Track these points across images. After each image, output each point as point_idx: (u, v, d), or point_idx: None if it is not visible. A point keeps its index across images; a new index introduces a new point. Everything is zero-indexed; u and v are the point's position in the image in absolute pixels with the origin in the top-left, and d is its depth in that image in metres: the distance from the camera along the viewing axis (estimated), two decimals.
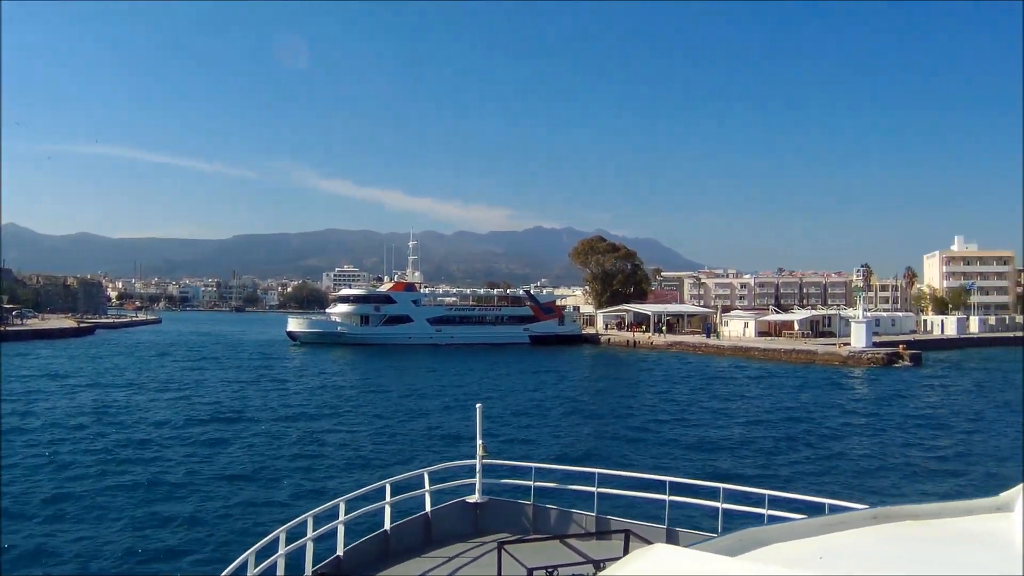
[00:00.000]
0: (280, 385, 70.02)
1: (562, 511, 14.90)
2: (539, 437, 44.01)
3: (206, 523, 26.38)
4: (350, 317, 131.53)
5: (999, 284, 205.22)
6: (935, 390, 71.32)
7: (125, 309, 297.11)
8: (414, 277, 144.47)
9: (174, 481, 32.10)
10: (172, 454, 37.83)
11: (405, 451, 39.14)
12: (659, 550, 4.55)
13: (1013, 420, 52.70)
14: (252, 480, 32.68)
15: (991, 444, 43.89)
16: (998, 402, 62.75)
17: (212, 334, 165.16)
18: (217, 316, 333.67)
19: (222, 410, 53.05)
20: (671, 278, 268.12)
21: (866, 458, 39.26)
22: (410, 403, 58.68)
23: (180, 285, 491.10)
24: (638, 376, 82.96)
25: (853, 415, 54.68)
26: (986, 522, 5.25)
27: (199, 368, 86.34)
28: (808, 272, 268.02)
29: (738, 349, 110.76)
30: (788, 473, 34.44)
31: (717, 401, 61.09)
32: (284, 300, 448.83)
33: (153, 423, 47.22)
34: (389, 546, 13.46)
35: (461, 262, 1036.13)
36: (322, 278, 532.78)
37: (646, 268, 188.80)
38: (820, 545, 4.91)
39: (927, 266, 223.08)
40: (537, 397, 62.89)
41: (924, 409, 58.66)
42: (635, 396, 64.90)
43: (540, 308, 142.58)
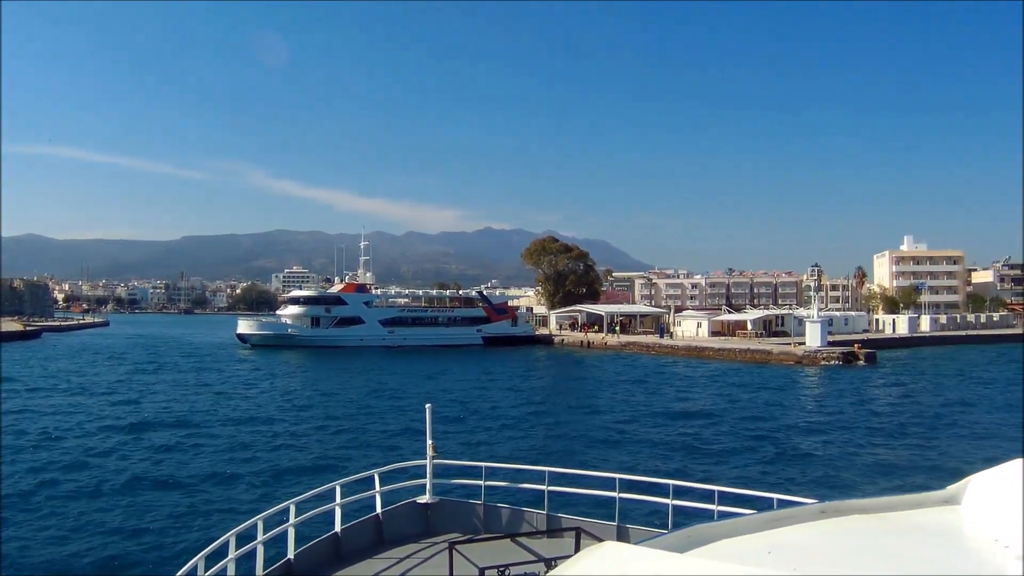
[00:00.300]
0: (230, 388, 68.47)
1: (513, 510, 14.83)
2: (495, 439, 43.08)
3: (153, 529, 25.66)
4: (301, 319, 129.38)
5: (949, 283, 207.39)
6: (892, 389, 71.13)
7: (72, 312, 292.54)
8: (366, 278, 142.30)
9: (119, 488, 31.18)
10: (116, 460, 36.74)
11: (356, 453, 38.52)
12: (609, 547, 4.68)
13: (970, 417, 53.01)
14: (201, 485, 31.79)
15: (949, 440, 43.64)
16: (953, 400, 62.62)
17: (161, 337, 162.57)
18: (166, 318, 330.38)
19: (169, 415, 51.59)
20: (622, 278, 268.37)
21: (829, 457, 38.77)
22: (361, 405, 57.77)
23: (128, 287, 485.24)
24: (593, 377, 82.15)
25: (814, 414, 54.17)
26: (934, 515, 5.42)
27: (147, 371, 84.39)
28: (759, 272, 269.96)
29: (692, 349, 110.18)
30: (755, 474, 33.62)
31: (675, 401, 60.28)
32: (233, 302, 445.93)
33: (97, 429, 45.62)
34: (340, 548, 13.28)
35: (411, 263, 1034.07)
36: (271, 279, 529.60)
37: (597, 269, 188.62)
38: (769, 540, 5.00)
39: (877, 266, 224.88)
40: (492, 398, 61.89)
41: (884, 407, 58.37)
42: (592, 397, 64.08)
43: (493, 309, 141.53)
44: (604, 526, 13.49)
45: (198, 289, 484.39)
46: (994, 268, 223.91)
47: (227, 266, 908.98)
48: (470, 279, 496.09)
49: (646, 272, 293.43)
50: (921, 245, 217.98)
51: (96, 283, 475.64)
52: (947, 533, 5.12)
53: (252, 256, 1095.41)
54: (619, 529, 13.41)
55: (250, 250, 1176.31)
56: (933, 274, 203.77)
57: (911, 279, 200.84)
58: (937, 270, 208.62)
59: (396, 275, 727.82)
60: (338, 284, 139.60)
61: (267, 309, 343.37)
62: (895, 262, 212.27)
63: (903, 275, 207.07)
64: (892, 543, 4.98)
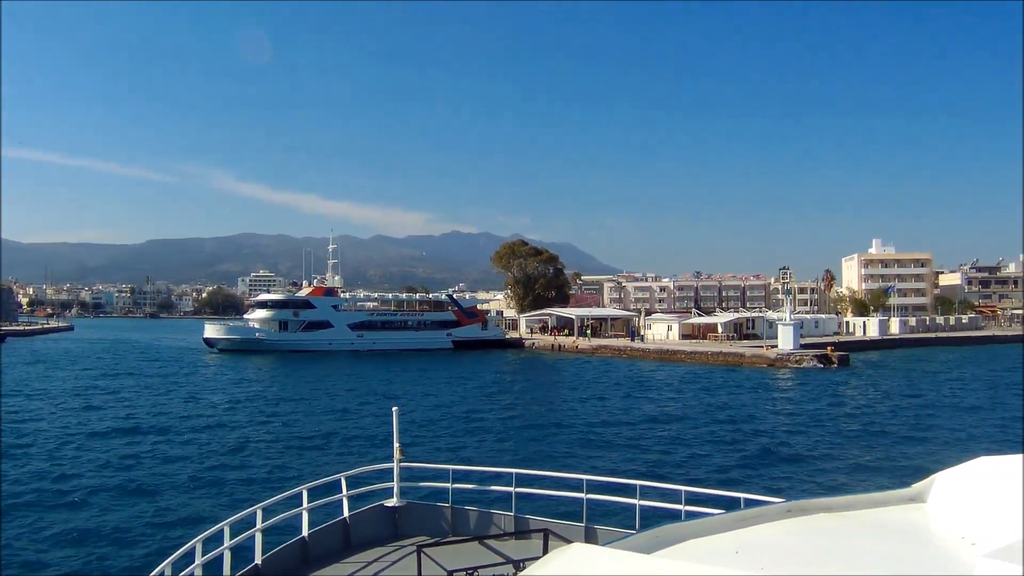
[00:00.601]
0: (196, 394, 67.20)
1: (481, 512, 14.93)
2: (467, 444, 42.21)
3: (118, 536, 25.34)
4: (268, 323, 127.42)
5: (917, 286, 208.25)
6: (867, 391, 70.72)
7: (36, 316, 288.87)
8: (334, 281, 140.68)
9: (85, 495, 30.57)
10: (80, 467, 36.06)
11: (324, 457, 38.12)
12: (578, 549, 4.72)
13: (941, 418, 53.63)
14: (166, 492, 31.32)
15: (930, 441, 43.53)
16: (926, 401, 62.74)
17: (126, 341, 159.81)
18: (131, 323, 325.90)
19: (133, 421, 50.42)
20: (590, 282, 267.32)
21: (812, 459, 38.48)
22: (329, 410, 57.01)
23: (93, 291, 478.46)
24: (566, 381, 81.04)
25: (792, 416, 53.58)
26: (900, 513, 5.54)
27: (111, 377, 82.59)
28: (726, 275, 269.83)
29: (664, 352, 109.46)
30: (740, 477, 33.06)
31: (650, 404, 59.50)
32: (199, 306, 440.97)
33: (59, 436, 44.39)
34: (308, 553, 13.26)
35: (378, 267, 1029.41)
36: (237, 283, 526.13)
37: (566, 272, 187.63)
38: (736, 540, 5.09)
39: (845, 268, 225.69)
40: (463, 403, 60.93)
41: (860, 410, 57.99)
42: (565, 401, 63.07)
43: (463, 313, 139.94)
44: (572, 527, 13.56)
45: (164, 293, 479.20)
46: (962, 271, 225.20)
47: (192, 270, 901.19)
48: (437, 283, 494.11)
49: (615, 276, 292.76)
50: (889, 248, 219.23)
51: (61, 287, 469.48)
52: (913, 531, 5.23)
53: (217, 260, 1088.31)
54: (587, 530, 13.46)
55: (215, 254, 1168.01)
56: (901, 277, 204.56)
57: (879, 282, 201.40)
58: (905, 272, 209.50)
59: (363, 279, 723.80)
60: (306, 288, 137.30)
61: (233, 313, 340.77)
62: (864, 265, 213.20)
63: (872, 278, 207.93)
64: (859, 541, 5.08)
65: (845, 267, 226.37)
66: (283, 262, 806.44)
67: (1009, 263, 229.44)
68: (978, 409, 57.78)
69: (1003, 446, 39.87)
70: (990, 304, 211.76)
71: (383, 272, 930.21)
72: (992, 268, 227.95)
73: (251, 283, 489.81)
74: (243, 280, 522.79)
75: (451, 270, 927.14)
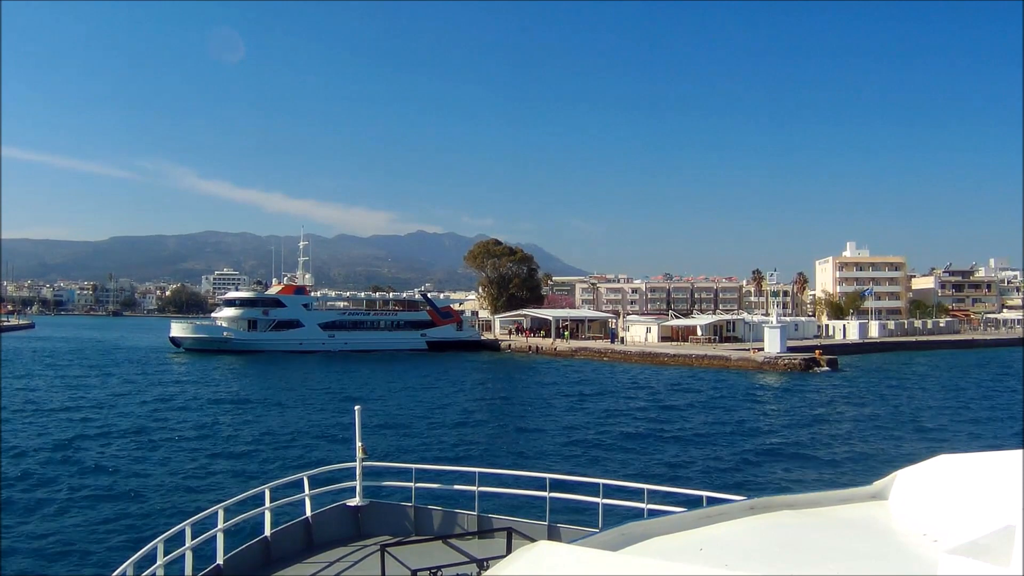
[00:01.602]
0: (161, 396, 63.95)
1: (444, 511, 14.87)
2: (444, 453, 39.40)
3: (79, 537, 25.03)
4: (237, 322, 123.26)
5: (891, 289, 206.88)
6: (863, 394, 69.24)
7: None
8: (305, 280, 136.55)
9: (42, 497, 30.10)
10: (42, 468, 35.39)
11: (290, 458, 37.06)
12: (542, 547, 4.70)
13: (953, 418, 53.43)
14: (126, 493, 30.67)
15: (943, 442, 41.52)
16: (933, 404, 61.95)
17: (89, 340, 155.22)
18: (94, 320, 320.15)
19: (96, 424, 47.75)
20: (562, 283, 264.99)
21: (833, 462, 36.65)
22: (299, 412, 55.10)
23: (54, 288, 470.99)
24: (548, 385, 77.75)
25: (798, 423, 50.94)
26: (862, 510, 5.62)
27: (74, 377, 78.88)
28: (699, 277, 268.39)
29: (646, 355, 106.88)
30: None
31: (643, 412, 56.45)
32: (162, 304, 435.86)
33: (19, 440, 41.74)
34: (270, 552, 13.19)
35: (342, 266, 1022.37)
36: (201, 281, 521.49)
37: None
38: (700, 537, 5.11)
39: (819, 271, 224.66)
40: (446, 409, 57.91)
41: (864, 412, 56.85)
42: (550, 406, 59.88)
43: (438, 313, 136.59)
44: (535, 526, 13.58)
45: (127, 291, 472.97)
46: (935, 275, 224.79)
47: (155, 267, 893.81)
48: (403, 283, 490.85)
49: (586, 277, 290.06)
50: (863, 251, 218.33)
51: (21, 284, 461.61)
52: (876, 527, 5.27)
53: (180, 258, 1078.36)
54: (550, 528, 13.46)
55: (178, 252, 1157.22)
56: (875, 280, 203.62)
57: (854, 285, 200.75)
58: (879, 276, 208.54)
59: (327, 278, 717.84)
60: (276, 286, 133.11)
61: (197, 312, 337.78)
62: (838, 268, 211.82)
63: (846, 281, 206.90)
64: (821, 538, 5.10)
65: (819, 270, 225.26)
66: (247, 260, 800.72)
67: (980, 267, 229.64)
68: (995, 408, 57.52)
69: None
70: (963, 308, 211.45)
71: (348, 271, 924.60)
72: (965, 272, 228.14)
73: (215, 281, 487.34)
74: (207, 278, 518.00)
75: (417, 270, 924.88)
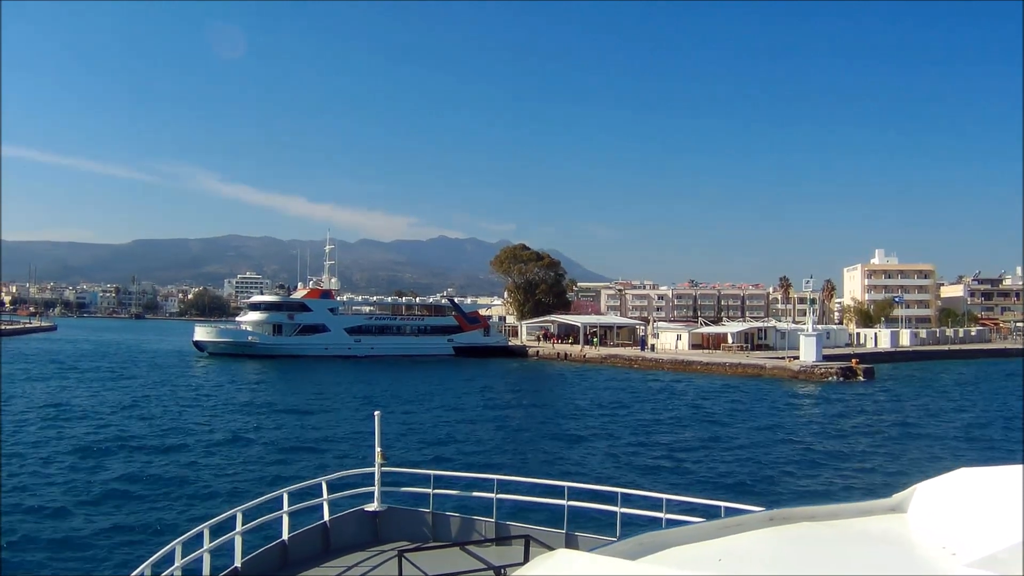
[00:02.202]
0: (187, 400, 63.24)
1: (462, 518, 14.72)
2: (483, 460, 38.01)
3: (98, 540, 25.25)
4: (262, 326, 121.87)
5: (920, 297, 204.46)
6: (906, 405, 67.29)
7: (18, 315, 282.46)
8: (331, 284, 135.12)
9: (66, 499, 30.42)
10: (64, 472, 35.41)
11: (330, 465, 35.37)
12: (560, 555, 4.81)
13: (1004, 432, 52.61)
14: (151, 498, 30.80)
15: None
16: (983, 417, 60.25)
17: (112, 343, 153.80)
18: (116, 323, 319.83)
19: (118, 429, 47.20)
20: (586, 289, 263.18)
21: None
22: (327, 419, 54.15)
23: (77, 290, 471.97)
24: (580, 392, 76.22)
25: (847, 437, 49.17)
26: (881, 522, 5.55)
27: (97, 381, 77.68)
28: (725, 284, 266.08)
29: (679, 363, 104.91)
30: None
31: (684, 423, 54.93)
32: (184, 307, 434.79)
33: (41, 445, 41.43)
34: (287, 556, 13.13)
35: (364, 271, 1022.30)
36: (223, 285, 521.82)
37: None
38: (718, 547, 5.12)
39: (847, 278, 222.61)
40: (473, 417, 56.78)
41: (911, 424, 55.39)
42: (585, 415, 58.36)
43: (465, 318, 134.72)
44: (553, 534, 13.48)
45: (149, 294, 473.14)
46: (964, 283, 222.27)
47: (177, 271, 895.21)
48: (424, 288, 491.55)
49: (611, 283, 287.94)
50: (892, 258, 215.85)
51: (44, 285, 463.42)
52: (895, 540, 5.24)
53: (202, 261, 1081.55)
54: (568, 537, 13.32)
55: (200, 255, 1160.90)
56: (904, 288, 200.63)
57: (883, 292, 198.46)
58: (908, 284, 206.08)
59: (349, 283, 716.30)
60: (301, 290, 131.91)
61: (219, 315, 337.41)
62: (867, 275, 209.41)
63: (875, 288, 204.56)
64: (840, 550, 5.11)
65: (847, 277, 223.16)
66: (268, 264, 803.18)
67: (1007, 276, 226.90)
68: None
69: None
70: (992, 317, 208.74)
71: (370, 276, 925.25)
72: (994, 280, 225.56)
73: (238, 285, 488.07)
74: (229, 282, 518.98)
75: (438, 275, 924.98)
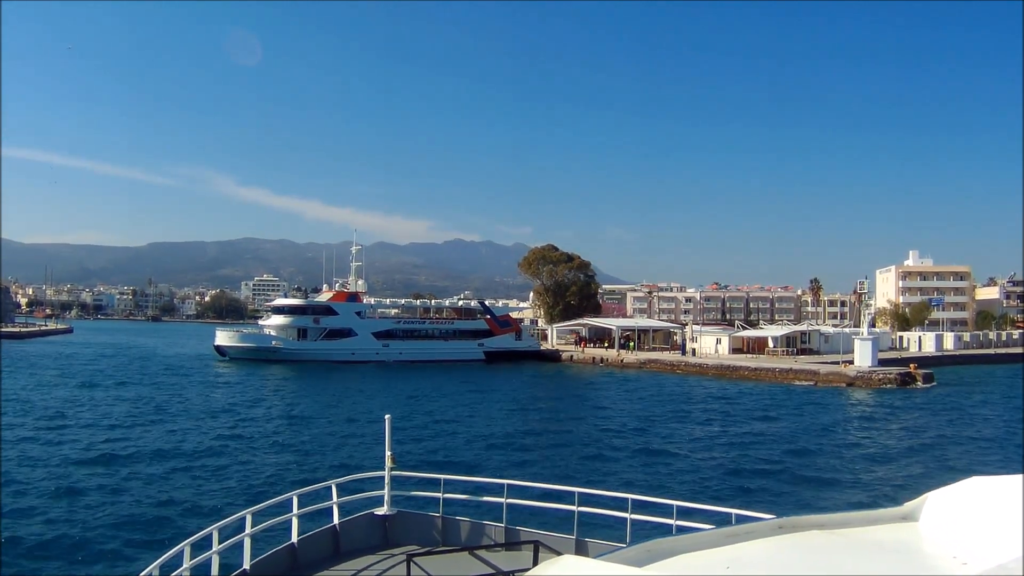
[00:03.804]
0: (210, 410, 59.48)
1: (471, 523, 14.53)
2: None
3: (108, 543, 25.39)
4: (286, 330, 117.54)
5: (957, 300, 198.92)
6: (986, 413, 63.18)
7: (35, 317, 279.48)
8: (357, 286, 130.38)
9: (79, 499, 30.87)
10: (77, 476, 35.09)
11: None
12: (568, 561, 4.90)
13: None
14: (173, 502, 30.76)
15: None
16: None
17: (130, 347, 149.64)
18: (133, 326, 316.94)
19: (137, 442, 44.09)
20: (611, 291, 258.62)
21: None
22: (359, 431, 50.29)
23: (94, 293, 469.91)
24: (626, 401, 71.68)
25: (936, 449, 44.86)
26: (891, 531, 5.50)
27: (116, 386, 73.85)
28: (754, 287, 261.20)
29: (724, 368, 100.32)
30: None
31: (755, 439, 50.54)
32: (202, 310, 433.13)
33: (60, 454, 39.37)
34: (296, 559, 13.02)
35: (380, 273, 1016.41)
36: (241, 287, 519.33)
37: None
38: (727, 555, 5.07)
39: (880, 281, 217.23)
40: (518, 429, 53.08)
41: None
42: (645, 428, 53.83)
43: (496, 322, 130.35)
44: (562, 539, 13.37)
45: (166, 296, 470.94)
46: (1000, 285, 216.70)
47: (193, 273, 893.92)
48: (439, 291, 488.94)
49: (637, 285, 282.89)
50: (927, 260, 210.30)
51: (61, 288, 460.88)
52: (905, 549, 5.20)
53: (219, 264, 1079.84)
54: (577, 543, 13.28)
55: (216, 258, 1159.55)
56: (940, 290, 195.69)
57: (917, 295, 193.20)
58: (944, 286, 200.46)
59: (367, 285, 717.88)
60: (326, 292, 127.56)
61: (237, 318, 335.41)
62: (902, 277, 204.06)
63: (910, 291, 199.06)
64: (850, 559, 5.05)
65: (879, 279, 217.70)
66: (285, 267, 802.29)
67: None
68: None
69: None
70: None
71: (386, 279, 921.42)
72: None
73: (255, 287, 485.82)
74: (247, 284, 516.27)
75: (454, 278, 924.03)
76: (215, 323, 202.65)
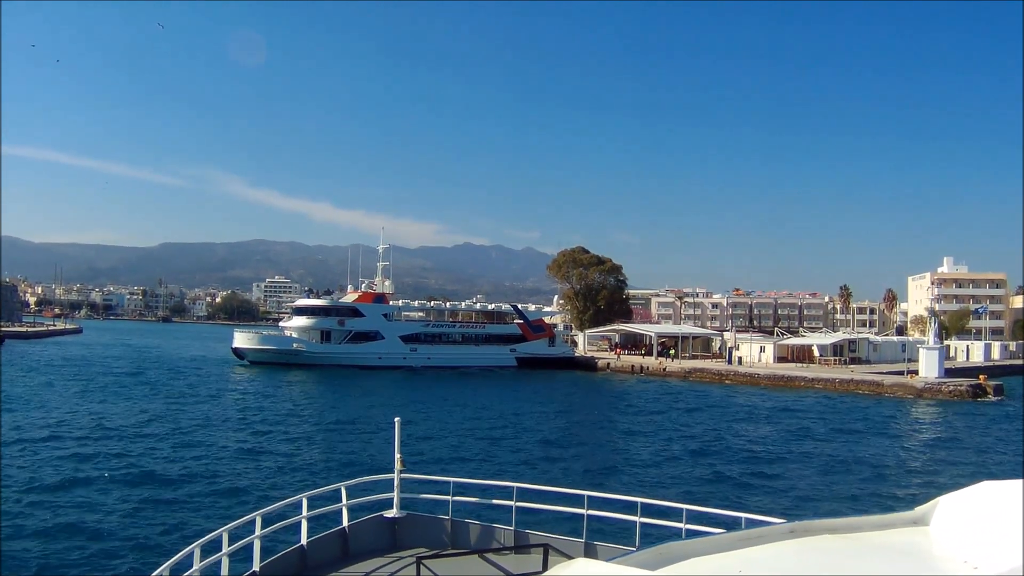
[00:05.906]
0: (231, 420, 55.31)
1: (481, 526, 14.43)
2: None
3: (118, 543, 25.20)
4: (308, 332, 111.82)
5: (994, 308, 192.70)
6: None
7: (43, 316, 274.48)
8: (385, 287, 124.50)
9: (88, 498, 30.87)
10: (101, 488, 33.30)
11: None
12: (579, 564, 5.00)
13: None
14: (175, 500, 31.04)
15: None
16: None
17: (142, 348, 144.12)
18: (144, 326, 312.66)
19: (153, 461, 39.88)
20: (635, 296, 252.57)
21: None
22: (389, 445, 45.42)
23: (104, 292, 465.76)
24: (687, 417, 66.08)
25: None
26: (902, 535, 5.50)
27: (127, 395, 67.80)
28: (782, 293, 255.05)
29: (778, 378, 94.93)
30: None
31: (850, 464, 45.26)
32: (213, 311, 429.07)
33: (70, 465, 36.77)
34: (306, 561, 12.92)
35: (391, 276, 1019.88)
36: (252, 288, 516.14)
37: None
38: (738, 559, 5.08)
39: (912, 288, 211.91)
40: (577, 453, 47.56)
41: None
42: (728, 453, 48.54)
43: (529, 326, 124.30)
44: (572, 543, 13.23)
45: (177, 297, 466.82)
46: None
47: (203, 274, 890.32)
48: (449, 294, 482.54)
49: (662, 290, 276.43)
50: (961, 267, 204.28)
51: (70, 287, 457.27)
52: (916, 554, 5.20)
53: (228, 265, 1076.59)
54: (587, 546, 13.14)
55: (226, 259, 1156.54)
56: (975, 298, 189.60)
57: (953, 302, 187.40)
58: (979, 293, 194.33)
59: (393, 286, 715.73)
60: (351, 293, 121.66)
61: (248, 319, 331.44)
62: (937, 284, 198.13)
63: (945, 298, 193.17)
64: (861, 563, 5.06)
65: (912, 286, 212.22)
66: (295, 269, 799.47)
67: None
68: None
69: None
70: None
71: (396, 282, 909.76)
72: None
73: (266, 289, 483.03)
74: (258, 286, 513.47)
75: (463, 282, 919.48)
76: (227, 324, 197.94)
